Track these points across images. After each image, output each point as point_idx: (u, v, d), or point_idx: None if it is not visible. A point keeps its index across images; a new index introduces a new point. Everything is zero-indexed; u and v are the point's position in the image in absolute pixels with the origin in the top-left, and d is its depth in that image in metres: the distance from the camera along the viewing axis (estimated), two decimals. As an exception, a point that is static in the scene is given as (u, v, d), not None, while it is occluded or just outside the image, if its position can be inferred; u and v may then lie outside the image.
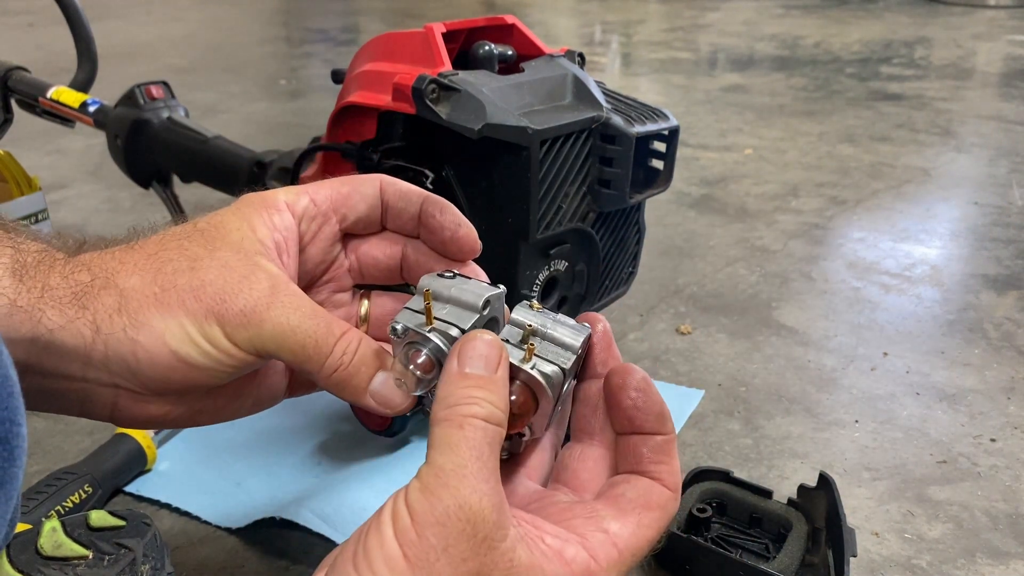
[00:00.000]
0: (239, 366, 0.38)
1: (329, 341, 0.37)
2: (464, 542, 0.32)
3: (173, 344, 0.36)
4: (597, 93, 0.65)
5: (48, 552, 0.46)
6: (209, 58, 2.54)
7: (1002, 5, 3.36)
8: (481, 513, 0.32)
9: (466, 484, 0.32)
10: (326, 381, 0.38)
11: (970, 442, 0.73)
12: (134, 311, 0.36)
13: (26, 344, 0.36)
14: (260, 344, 0.37)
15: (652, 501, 0.36)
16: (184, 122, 1.00)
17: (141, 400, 0.39)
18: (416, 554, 0.32)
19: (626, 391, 0.37)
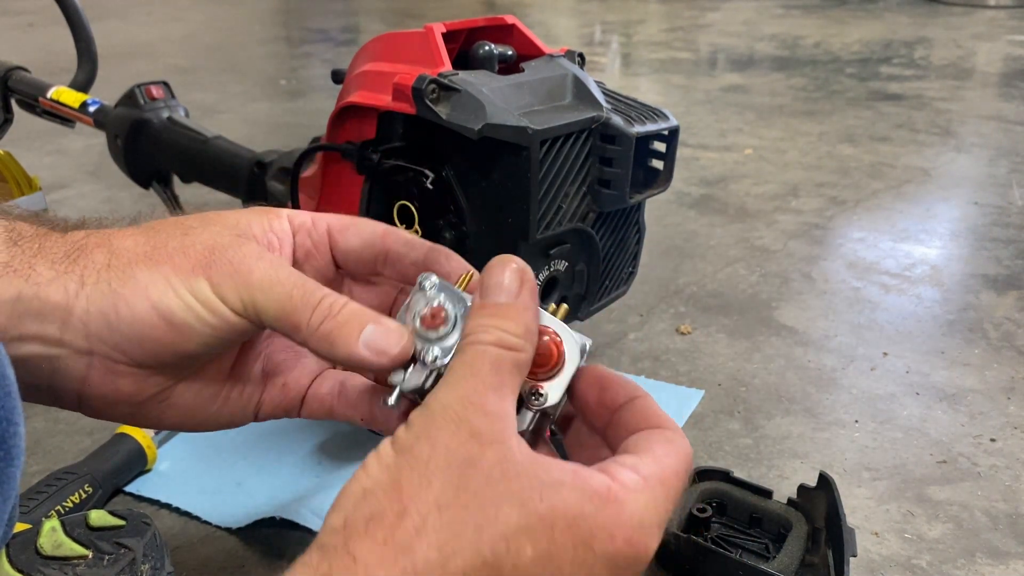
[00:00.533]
0: (218, 326, 0.36)
1: (317, 294, 0.36)
2: (448, 435, 0.30)
3: (155, 296, 0.36)
4: (597, 93, 0.65)
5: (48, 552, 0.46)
6: (209, 58, 2.54)
7: (1002, 5, 3.36)
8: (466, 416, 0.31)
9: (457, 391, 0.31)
10: (314, 334, 0.36)
11: (970, 442, 0.73)
12: (122, 267, 0.36)
13: (10, 303, 0.35)
14: (248, 294, 0.36)
15: (657, 438, 0.34)
16: (184, 122, 1.00)
17: (113, 373, 0.37)
18: (401, 444, 0.31)
19: (590, 386, 0.37)
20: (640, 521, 0.31)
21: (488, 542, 0.29)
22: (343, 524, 0.30)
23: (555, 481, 0.30)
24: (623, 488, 0.31)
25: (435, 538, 0.29)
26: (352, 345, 0.35)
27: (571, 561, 0.30)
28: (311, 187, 0.72)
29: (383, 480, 0.30)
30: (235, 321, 0.37)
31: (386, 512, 0.29)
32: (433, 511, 0.29)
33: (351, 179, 0.67)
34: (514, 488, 0.30)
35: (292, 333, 0.36)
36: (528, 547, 0.29)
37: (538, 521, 0.29)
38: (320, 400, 0.42)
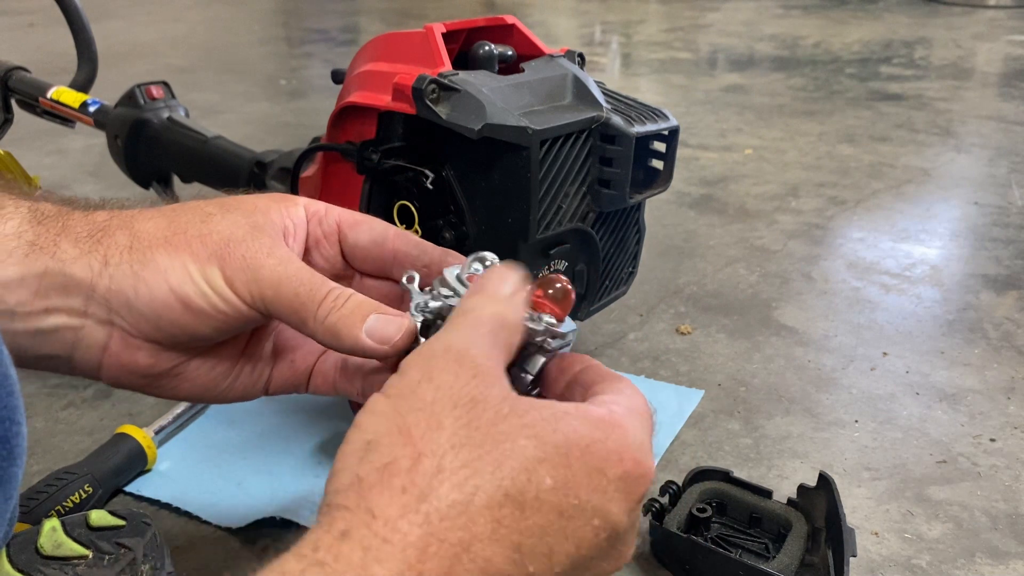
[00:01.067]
0: (231, 314, 0.39)
1: (323, 289, 0.38)
2: (449, 374, 0.30)
3: (173, 281, 0.38)
4: (597, 93, 0.65)
5: (48, 552, 0.46)
6: (209, 58, 2.54)
7: (1002, 5, 3.36)
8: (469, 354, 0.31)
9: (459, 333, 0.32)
10: (321, 326, 0.38)
11: (970, 442, 0.73)
12: (143, 250, 0.39)
13: (37, 279, 0.38)
14: (257, 290, 0.38)
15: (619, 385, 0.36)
16: (184, 122, 1.00)
17: (131, 346, 0.40)
18: (397, 389, 0.31)
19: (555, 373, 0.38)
20: (640, 443, 0.33)
21: (508, 475, 0.29)
22: (354, 480, 0.29)
23: (562, 412, 0.31)
24: (620, 413, 0.33)
25: (455, 478, 0.28)
26: (356, 336, 0.37)
27: (587, 486, 0.30)
28: (311, 187, 0.73)
29: (387, 428, 0.30)
30: (245, 310, 0.39)
31: (399, 458, 0.29)
32: (448, 451, 0.29)
33: (351, 179, 0.67)
34: (526, 421, 0.30)
35: (300, 327, 0.39)
36: (547, 476, 0.29)
37: (554, 450, 0.30)
38: (324, 376, 0.44)
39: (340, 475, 0.30)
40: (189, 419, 0.74)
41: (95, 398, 0.79)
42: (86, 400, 0.79)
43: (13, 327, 0.38)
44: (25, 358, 0.39)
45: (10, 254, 0.38)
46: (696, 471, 0.63)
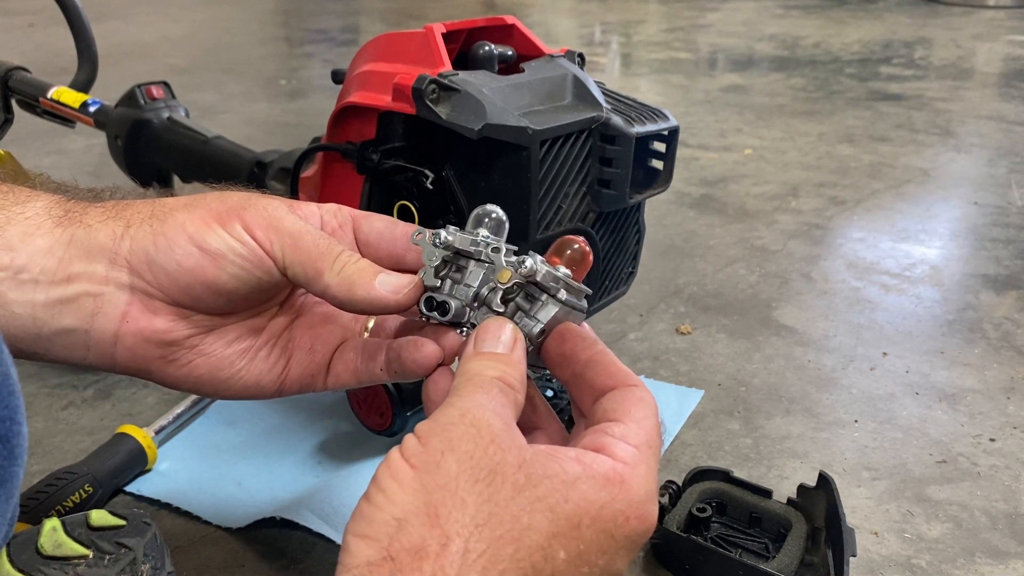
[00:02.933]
0: (250, 260, 0.40)
1: (338, 247, 0.41)
2: (469, 442, 0.32)
3: (192, 230, 0.39)
4: (597, 93, 0.65)
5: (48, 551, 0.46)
6: (209, 58, 2.54)
7: (1002, 5, 3.36)
8: (486, 420, 0.32)
9: (471, 399, 0.33)
10: (336, 277, 0.40)
11: (969, 442, 0.73)
12: (164, 214, 0.40)
13: (64, 246, 0.39)
14: (276, 238, 0.40)
15: (631, 399, 0.37)
16: (184, 122, 1.00)
17: (150, 310, 0.40)
18: (421, 460, 0.32)
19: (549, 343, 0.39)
20: (645, 494, 0.34)
21: (527, 555, 0.31)
22: (386, 556, 0.30)
23: (572, 478, 0.32)
24: (625, 466, 0.34)
25: (480, 562, 0.30)
26: (370, 284, 0.39)
27: (597, 551, 0.32)
28: (311, 187, 0.73)
29: (414, 506, 0.31)
30: (263, 258, 0.40)
31: (429, 543, 0.30)
32: (473, 532, 0.30)
33: (351, 179, 0.67)
34: (540, 493, 0.32)
35: (315, 278, 0.40)
36: (561, 551, 0.31)
37: (566, 523, 0.32)
38: (345, 363, 0.45)
39: (369, 544, 0.30)
40: (189, 419, 0.74)
41: (95, 398, 0.79)
42: (86, 400, 0.79)
43: (35, 298, 0.39)
44: (42, 336, 0.39)
45: (39, 227, 0.39)
46: (696, 471, 0.63)
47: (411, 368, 0.41)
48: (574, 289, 0.40)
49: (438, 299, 0.40)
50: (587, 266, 0.39)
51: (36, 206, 0.40)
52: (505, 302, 0.39)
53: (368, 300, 0.39)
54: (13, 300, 0.38)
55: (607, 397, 0.37)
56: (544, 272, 0.38)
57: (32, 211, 0.40)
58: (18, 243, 0.39)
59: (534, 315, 0.39)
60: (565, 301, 0.39)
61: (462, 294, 0.40)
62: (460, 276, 0.40)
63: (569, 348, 0.39)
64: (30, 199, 0.40)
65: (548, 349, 0.39)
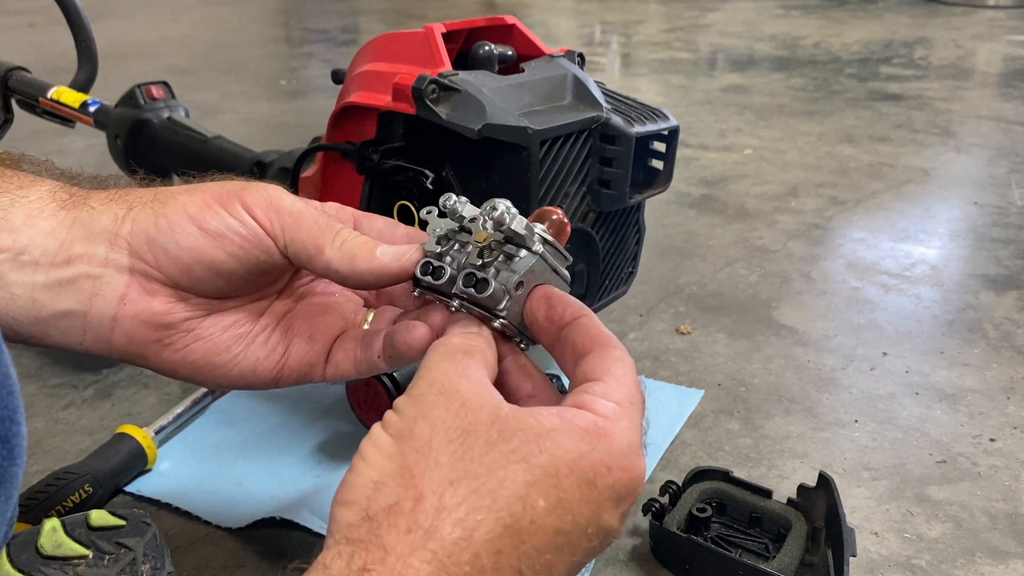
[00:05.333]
0: (249, 239, 0.40)
1: (337, 225, 0.42)
2: (440, 408, 0.33)
3: (192, 210, 0.40)
4: (597, 93, 0.65)
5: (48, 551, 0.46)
6: (209, 58, 2.54)
7: (1002, 5, 3.36)
8: (452, 385, 0.33)
9: (437, 369, 0.35)
10: (338, 251, 0.40)
11: (969, 442, 0.73)
12: (165, 197, 0.41)
13: (66, 229, 0.40)
14: (277, 217, 0.40)
15: (609, 359, 0.37)
16: (184, 122, 1.00)
17: (148, 292, 0.41)
18: (397, 429, 0.33)
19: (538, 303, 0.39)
20: (628, 447, 0.34)
21: (504, 505, 0.31)
22: (364, 517, 0.31)
23: (548, 429, 0.33)
24: (606, 420, 0.34)
25: (455, 515, 0.30)
26: (371, 256, 0.40)
27: (579, 500, 0.32)
28: (311, 187, 0.73)
29: (391, 469, 0.32)
30: (263, 237, 0.40)
31: (403, 500, 0.31)
32: (447, 489, 0.31)
33: (351, 179, 0.67)
34: (514, 446, 0.32)
35: (316, 255, 0.40)
36: (540, 499, 0.31)
37: (543, 472, 0.32)
38: (345, 352, 0.44)
39: (350, 508, 0.32)
40: (189, 419, 0.74)
41: (95, 398, 0.79)
42: (86, 400, 0.79)
43: (34, 279, 0.39)
44: (40, 319, 0.39)
45: (42, 209, 0.40)
46: (696, 471, 0.63)
47: (403, 351, 0.41)
48: (553, 247, 0.41)
49: (434, 264, 0.40)
50: (566, 234, 0.41)
51: (40, 190, 0.41)
52: (484, 263, 0.39)
53: (370, 270, 0.40)
54: (13, 281, 0.38)
55: (586, 359, 0.37)
56: (517, 219, 0.39)
57: (36, 195, 0.40)
58: (21, 225, 0.39)
59: (511, 268, 0.39)
60: (542, 254, 0.40)
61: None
62: (460, 251, 0.40)
63: (555, 312, 0.39)
64: (34, 183, 0.41)
65: (533, 313, 0.39)
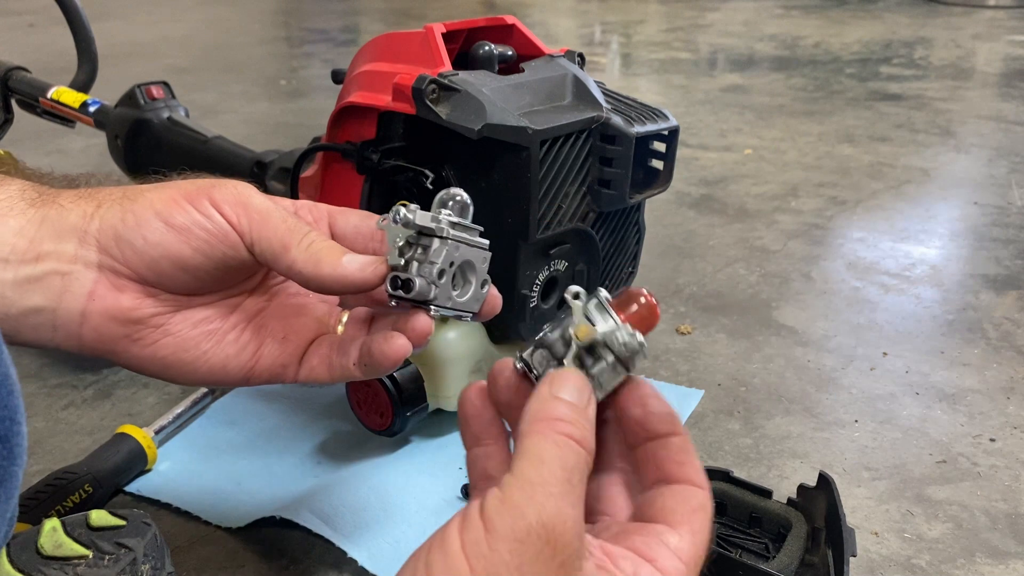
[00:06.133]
0: (215, 234, 0.40)
1: (305, 227, 0.42)
2: (541, 564, 0.29)
3: (159, 206, 0.40)
4: (597, 93, 0.65)
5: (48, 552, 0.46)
6: (209, 58, 2.54)
7: (1002, 5, 3.36)
8: (564, 536, 0.30)
9: (552, 503, 0.30)
10: (304, 252, 0.40)
11: (969, 442, 0.73)
12: (134, 194, 0.41)
13: (36, 226, 0.40)
14: (244, 214, 0.41)
15: (693, 504, 0.35)
16: (184, 122, 1.00)
17: (117, 288, 0.41)
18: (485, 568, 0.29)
19: (633, 401, 0.36)
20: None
21: None
22: None
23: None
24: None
25: None
26: (336, 263, 0.40)
27: None
28: (311, 187, 0.73)
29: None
30: (229, 232, 0.41)
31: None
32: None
33: (351, 179, 0.67)
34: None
35: (281, 253, 0.40)
36: None
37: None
38: (320, 356, 0.44)
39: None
40: (189, 419, 0.74)
41: (95, 398, 0.79)
42: (86, 400, 0.79)
43: (4, 277, 0.39)
44: (10, 316, 0.40)
45: (11, 208, 0.40)
46: (696, 471, 0.63)
47: (380, 360, 0.41)
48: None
49: (403, 277, 0.40)
50: (654, 321, 0.37)
51: (10, 189, 0.41)
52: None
53: (334, 276, 0.40)
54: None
55: (669, 490, 0.35)
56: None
57: (5, 193, 0.40)
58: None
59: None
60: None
61: (427, 272, 0.40)
62: (424, 255, 0.40)
63: (649, 421, 0.36)
64: (3, 183, 0.41)
65: (626, 409, 0.37)
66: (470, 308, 0.43)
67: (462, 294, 0.43)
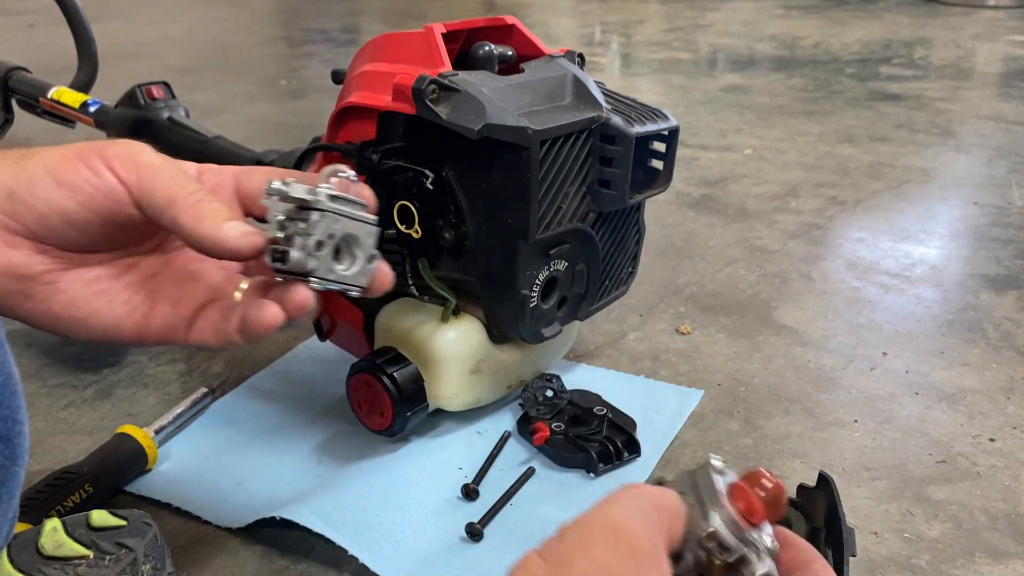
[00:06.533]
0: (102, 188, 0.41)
1: (195, 186, 0.42)
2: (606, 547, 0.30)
3: (50, 164, 0.41)
4: (597, 93, 0.65)
5: (49, 552, 0.46)
6: (210, 58, 2.54)
7: (1002, 5, 3.36)
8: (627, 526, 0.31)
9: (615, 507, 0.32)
10: (189, 209, 0.41)
11: (969, 442, 0.73)
12: (30, 154, 0.42)
13: None
14: (135, 170, 0.42)
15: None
16: (185, 122, 1.00)
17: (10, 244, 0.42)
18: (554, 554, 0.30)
19: None
20: None
21: None
22: None
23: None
24: None
25: None
26: (218, 225, 0.41)
27: None
28: (311, 187, 0.73)
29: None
30: (116, 188, 0.41)
31: None
32: None
33: (351, 179, 0.67)
34: None
35: (166, 207, 0.41)
36: None
37: None
38: (208, 319, 0.45)
39: None
40: (190, 419, 0.74)
41: (95, 398, 0.79)
42: (86, 400, 0.79)
43: None
44: None
45: None
46: (696, 471, 0.63)
47: (254, 328, 0.41)
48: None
49: (279, 249, 0.41)
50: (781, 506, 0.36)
51: None
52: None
53: (213, 238, 0.41)
54: None
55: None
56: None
57: None
58: None
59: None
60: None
61: (304, 244, 0.41)
62: (304, 227, 0.41)
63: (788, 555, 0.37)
64: None
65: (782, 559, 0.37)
66: (357, 282, 0.44)
67: (348, 268, 0.44)
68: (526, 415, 0.72)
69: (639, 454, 0.69)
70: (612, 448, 0.68)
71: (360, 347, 0.74)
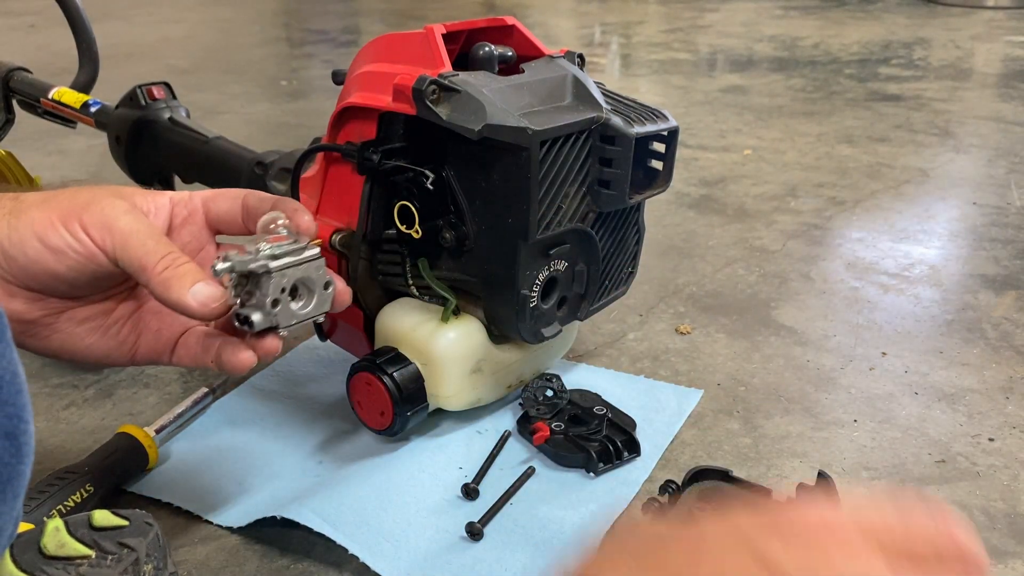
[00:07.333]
0: (84, 254, 0.46)
1: (165, 249, 0.46)
2: None
3: (39, 228, 0.46)
4: (597, 94, 0.65)
5: (51, 552, 0.46)
6: (210, 59, 2.54)
7: (1001, 6, 3.36)
8: None
9: None
10: (157, 277, 0.45)
11: (968, 442, 0.73)
12: (21, 211, 0.47)
13: None
14: (109, 237, 0.46)
15: None
16: (185, 122, 1.00)
17: (8, 293, 0.47)
18: None
19: None
20: None
21: None
22: None
23: None
24: None
25: None
26: (183, 292, 0.45)
27: None
28: (312, 187, 0.73)
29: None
30: (96, 253, 0.46)
31: None
32: None
33: (351, 179, 0.67)
34: None
35: (139, 273, 0.46)
36: None
37: None
38: (188, 347, 0.52)
39: None
40: (190, 419, 0.75)
41: (96, 398, 0.79)
42: (87, 400, 0.79)
43: None
44: None
45: None
46: (695, 470, 0.63)
47: (228, 368, 0.47)
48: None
49: (242, 315, 0.46)
50: None
51: None
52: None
53: (179, 304, 0.45)
54: None
55: None
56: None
57: None
58: None
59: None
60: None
61: (262, 304, 0.45)
62: (257, 288, 0.45)
63: None
64: None
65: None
66: (319, 312, 0.48)
67: (306, 305, 0.48)
68: (526, 415, 0.72)
69: (639, 454, 0.70)
70: (612, 448, 0.68)
71: (360, 347, 0.74)
